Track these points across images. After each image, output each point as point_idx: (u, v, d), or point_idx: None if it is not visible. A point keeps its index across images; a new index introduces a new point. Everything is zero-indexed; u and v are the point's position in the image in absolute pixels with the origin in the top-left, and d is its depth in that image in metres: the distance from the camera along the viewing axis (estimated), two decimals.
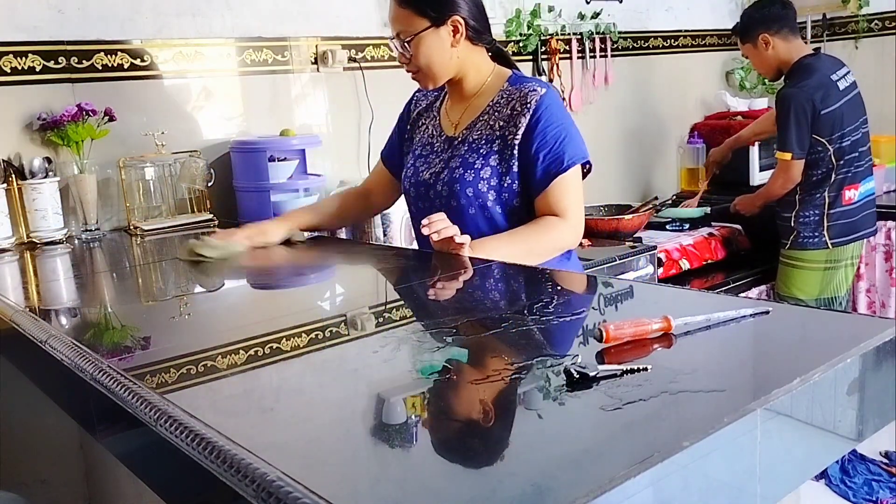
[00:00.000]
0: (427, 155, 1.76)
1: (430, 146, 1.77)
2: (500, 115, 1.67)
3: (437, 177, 1.71)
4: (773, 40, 2.81)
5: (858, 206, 2.80)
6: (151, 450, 0.87)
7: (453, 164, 1.68)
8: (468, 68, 1.70)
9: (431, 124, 1.80)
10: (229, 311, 1.42)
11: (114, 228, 2.30)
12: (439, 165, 1.72)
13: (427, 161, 1.75)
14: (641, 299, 1.23)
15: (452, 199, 1.67)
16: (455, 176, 1.67)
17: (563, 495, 0.60)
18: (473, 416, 0.80)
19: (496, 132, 1.66)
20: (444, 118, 1.78)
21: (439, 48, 1.64)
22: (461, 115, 1.74)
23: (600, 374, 0.82)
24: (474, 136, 1.68)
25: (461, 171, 1.66)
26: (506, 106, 1.67)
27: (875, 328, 0.91)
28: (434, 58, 1.64)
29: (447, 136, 1.75)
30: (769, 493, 0.75)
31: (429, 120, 1.82)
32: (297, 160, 2.50)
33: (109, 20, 2.27)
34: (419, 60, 1.65)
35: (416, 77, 1.70)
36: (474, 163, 1.66)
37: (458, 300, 1.29)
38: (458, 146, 1.70)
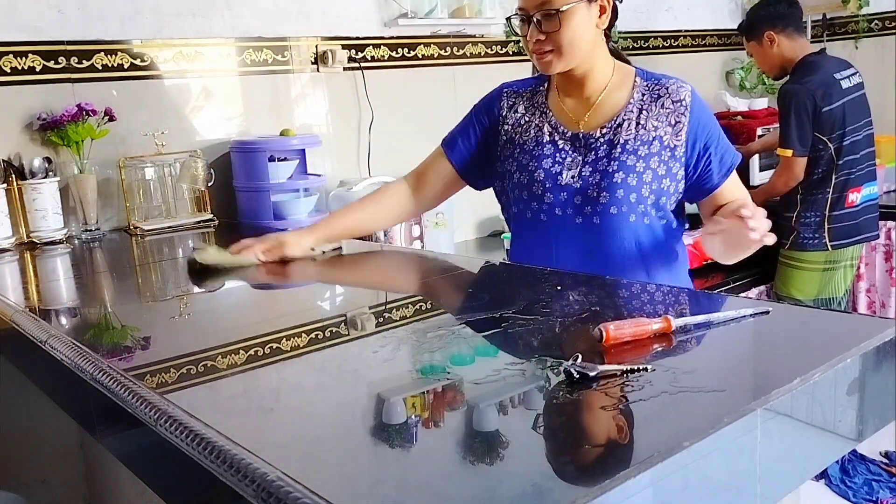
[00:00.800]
0: (552, 154, 1.55)
1: (551, 145, 1.56)
2: (651, 115, 1.53)
3: (586, 181, 1.51)
4: (779, 38, 2.81)
5: (860, 209, 2.79)
6: (151, 450, 0.87)
7: (609, 167, 1.50)
8: (598, 58, 1.55)
9: (543, 122, 1.60)
10: (229, 311, 1.42)
11: (114, 228, 2.30)
12: (584, 168, 1.53)
13: (555, 161, 1.55)
14: (641, 299, 1.23)
15: (613, 206, 1.49)
16: (616, 181, 1.49)
17: (563, 495, 0.60)
18: (476, 417, 0.80)
19: (651, 133, 1.51)
20: (560, 115, 1.59)
21: (586, 26, 1.49)
22: (588, 113, 1.56)
23: (600, 374, 0.82)
24: (625, 137, 1.51)
25: (622, 175, 1.49)
26: (653, 104, 1.54)
27: (875, 328, 0.91)
28: (580, 35, 1.48)
29: (573, 132, 1.55)
30: (769, 493, 0.75)
31: (534, 116, 1.61)
32: (297, 160, 2.50)
33: (109, 20, 2.27)
34: (563, 36, 1.46)
35: (546, 57, 1.49)
36: (635, 166, 1.49)
37: (458, 300, 1.29)
38: (602, 147, 1.52)
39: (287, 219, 2.44)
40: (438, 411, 0.82)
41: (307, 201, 2.50)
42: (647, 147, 1.50)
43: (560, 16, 1.46)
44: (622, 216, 1.50)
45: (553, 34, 1.47)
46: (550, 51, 1.48)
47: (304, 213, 2.49)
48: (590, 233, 1.51)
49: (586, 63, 1.53)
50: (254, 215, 2.42)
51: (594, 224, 1.51)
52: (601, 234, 1.51)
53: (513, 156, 1.61)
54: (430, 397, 0.85)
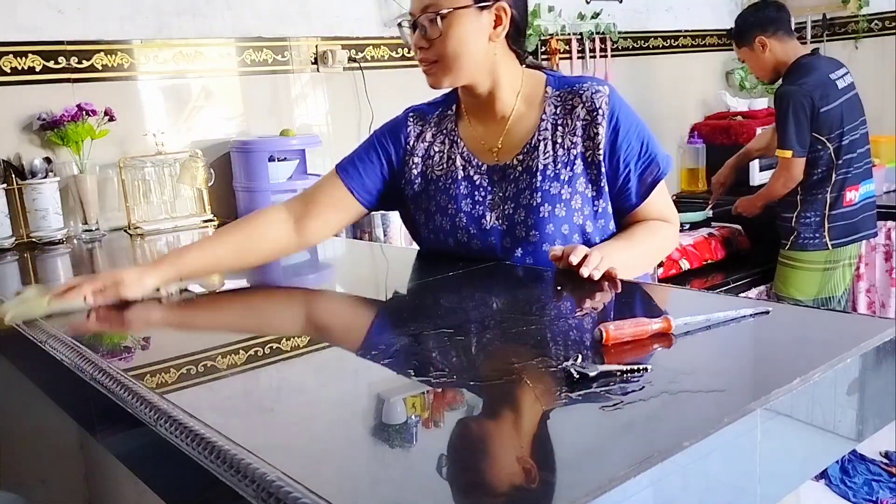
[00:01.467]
0: (470, 193, 1.41)
1: (466, 182, 1.42)
2: (567, 129, 1.37)
3: (511, 220, 1.38)
4: (770, 42, 2.81)
5: (858, 207, 2.80)
6: (151, 450, 0.87)
7: (532, 201, 1.36)
8: (501, 75, 1.38)
9: (454, 153, 1.44)
10: (229, 311, 1.42)
11: (114, 228, 2.30)
12: (506, 206, 1.39)
13: (475, 201, 1.41)
14: (641, 299, 1.23)
15: (545, 243, 1.36)
16: (543, 215, 1.35)
17: (563, 495, 0.60)
18: (475, 418, 0.80)
19: (571, 151, 1.36)
20: (472, 143, 1.44)
21: (476, 35, 1.32)
22: (501, 139, 1.41)
23: (600, 373, 0.82)
24: (543, 162, 1.36)
25: (549, 207, 1.35)
26: (566, 116, 1.37)
27: (875, 328, 0.91)
28: (467, 45, 1.32)
29: (489, 164, 1.41)
30: (769, 493, 0.75)
31: (446, 148, 1.46)
32: (297, 160, 2.50)
33: (109, 20, 2.28)
34: (447, 45, 1.32)
35: (430, 69, 1.36)
36: (560, 194, 1.36)
37: (457, 300, 1.29)
38: (521, 176, 1.38)
39: None
40: (438, 411, 0.82)
41: None
42: (569, 169, 1.36)
43: (442, 21, 1.31)
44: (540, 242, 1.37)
45: (436, 42, 1.33)
46: (435, 62, 1.35)
47: None
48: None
49: (486, 81, 1.38)
50: None
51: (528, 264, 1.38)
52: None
53: (427, 193, 1.46)
54: (430, 397, 0.85)
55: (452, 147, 1.45)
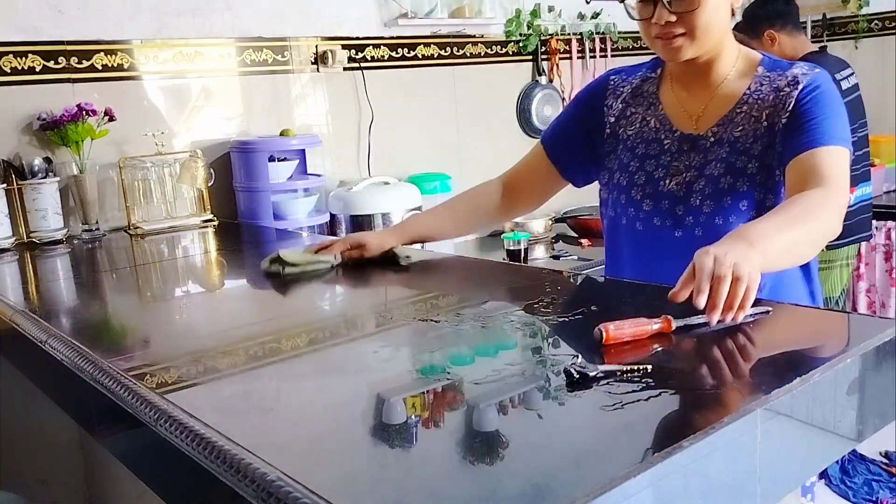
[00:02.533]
0: (657, 157, 1.39)
1: (656, 144, 1.40)
2: (765, 104, 1.32)
3: (689, 187, 1.34)
4: (779, 37, 2.80)
5: (854, 209, 2.79)
6: (151, 450, 0.87)
7: (713, 170, 1.33)
8: (726, 45, 1.36)
9: (652, 117, 1.42)
10: (229, 311, 1.42)
11: (114, 228, 2.30)
12: (690, 174, 1.35)
13: (662, 165, 1.38)
14: (641, 299, 1.23)
15: (718, 216, 1.32)
16: (722, 187, 1.31)
17: (563, 495, 0.60)
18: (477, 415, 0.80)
19: (762, 123, 1.31)
20: (671, 109, 1.41)
21: (724, 9, 1.31)
22: (705, 107, 1.38)
23: (600, 373, 0.82)
24: (735, 135, 1.33)
25: (730, 179, 1.31)
26: (770, 92, 1.33)
27: (875, 328, 0.91)
28: (718, 15, 1.30)
29: (683, 132, 1.38)
30: (769, 493, 0.75)
31: (642, 109, 1.44)
32: (297, 160, 2.50)
33: (109, 20, 2.28)
34: (701, 17, 1.27)
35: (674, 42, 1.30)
36: (745, 167, 1.31)
37: (457, 300, 1.29)
38: (713, 148, 1.35)
39: (287, 219, 2.44)
40: (438, 411, 0.82)
41: (307, 201, 2.50)
42: (756, 142, 1.31)
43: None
44: (728, 227, 1.28)
45: (687, 15, 1.28)
46: (682, 34, 1.29)
47: (303, 214, 2.49)
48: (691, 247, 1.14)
49: (715, 49, 1.34)
50: (254, 215, 2.42)
51: (695, 237, 1.32)
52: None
53: (615, 152, 1.45)
54: (430, 397, 0.85)
55: (650, 109, 1.44)
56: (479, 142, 3.16)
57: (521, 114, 3.30)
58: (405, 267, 1.46)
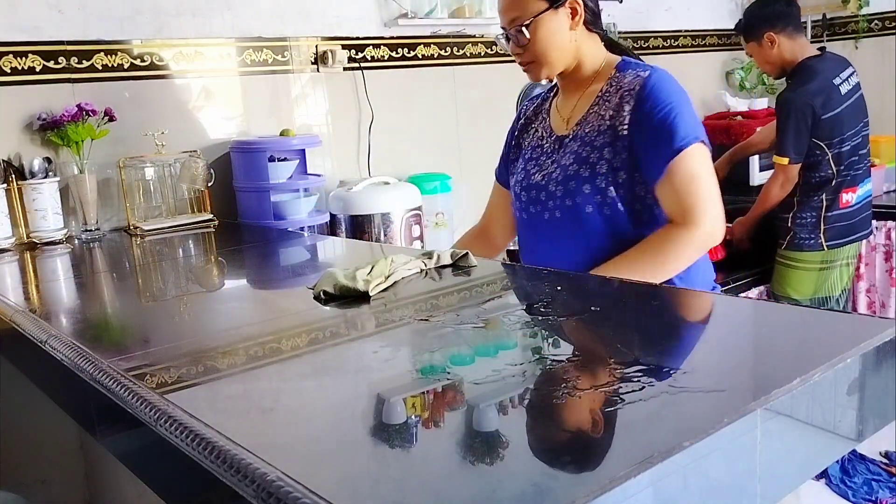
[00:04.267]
0: (538, 157, 1.65)
1: (539, 148, 1.66)
2: (610, 105, 1.54)
3: (549, 177, 1.59)
4: (779, 38, 2.79)
5: (855, 208, 2.79)
6: (151, 450, 0.87)
7: (565, 161, 1.57)
8: (584, 56, 1.60)
9: (541, 126, 1.69)
10: (229, 311, 1.42)
11: (114, 228, 2.30)
12: (552, 167, 1.60)
13: (538, 163, 1.64)
14: (641, 299, 1.23)
15: (568, 199, 1.55)
16: (570, 173, 1.55)
17: (563, 495, 0.60)
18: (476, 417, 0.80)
19: (605, 122, 1.53)
20: (554, 117, 1.67)
21: (558, 32, 1.55)
22: (572, 110, 1.62)
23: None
24: (586, 130, 1.56)
25: (575, 166, 1.55)
26: (615, 94, 1.54)
27: (875, 328, 0.91)
28: (552, 43, 1.55)
29: (558, 135, 1.63)
30: (769, 493, 0.75)
31: (538, 123, 1.71)
32: (297, 160, 2.50)
33: (109, 20, 2.28)
34: (536, 47, 1.55)
35: (529, 68, 1.60)
36: (588, 157, 1.53)
37: (457, 300, 1.29)
38: (570, 143, 1.58)
39: (287, 219, 2.44)
40: (438, 411, 0.82)
41: (307, 201, 2.50)
42: (601, 137, 1.53)
43: (528, 29, 1.53)
44: (578, 208, 1.54)
45: (527, 47, 1.55)
46: (531, 62, 1.58)
47: (304, 213, 2.49)
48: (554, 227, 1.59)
49: (572, 63, 1.60)
50: (254, 215, 2.42)
51: (556, 218, 1.58)
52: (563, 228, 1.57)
53: (516, 161, 1.72)
54: (430, 397, 0.85)
55: (542, 122, 1.70)
56: (479, 142, 3.16)
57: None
58: None
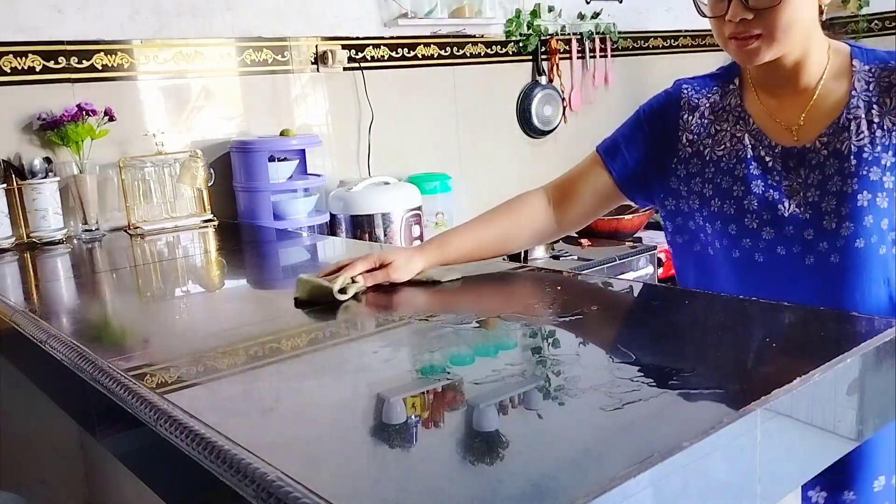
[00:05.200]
0: (761, 176, 1.21)
1: (756, 162, 1.22)
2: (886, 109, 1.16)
3: (815, 209, 1.17)
4: None
5: None
6: (151, 450, 0.87)
7: (846, 187, 1.15)
8: (813, 43, 1.19)
9: (739, 131, 1.25)
10: (229, 311, 1.42)
11: (114, 228, 2.30)
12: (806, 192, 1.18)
13: (766, 184, 1.20)
14: (641, 299, 1.23)
15: (859, 239, 1.15)
16: (861, 205, 1.14)
17: (563, 495, 0.60)
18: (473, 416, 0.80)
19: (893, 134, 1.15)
20: (763, 121, 1.24)
21: (810, 8, 1.15)
22: (803, 115, 1.20)
23: None
24: (857, 143, 1.15)
25: (868, 195, 1.14)
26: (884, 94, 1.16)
27: (875, 328, 0.91)
28: (801, 15, 1.14)
29: (784, 146, 1.21)
30: (769, 493, 0.75)
31: (729, 125, 1.26)
32: (297, 160, 2.50)
33: (109, 20, 2.28)
34: (781, 15, 1.11)
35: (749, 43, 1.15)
36: (882, 181, 1.14)
37: (458, 300, 1.29)
38: (827, 161, 1.17)
39: (287, 219, 2.44)
40: (438, 411, 0.82)
41: (307, 201, 2.50)
42: (891, 154, 1.14)
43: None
44: (869, 250, 1.15)
45: (766, 12, 1.12)
46: (758, 35, 1.14)
47: (303, 214, 2.49)
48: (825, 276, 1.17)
49: (800, 49, 1.17)
50: (254, 215, 2.42)
51: (831, 263, 1.17)
52: (841, 276, 1.17)
53: (703, 175, 1.26)
54: (430, 397, 0.85)
55: (738, 124, 1.25)
56: (479, 142, 3.16)
57: (521, 114, 3.30)
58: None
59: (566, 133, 3.45)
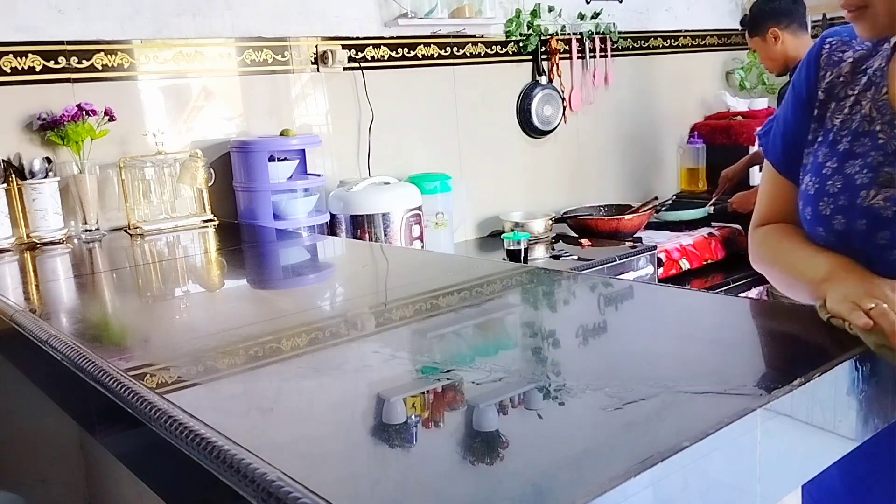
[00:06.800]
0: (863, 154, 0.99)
1: (867, 138, 1.00)
2: None
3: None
4: (783, 34, 2.80)
5: None
6: (151, 450, 0.87)
7: None
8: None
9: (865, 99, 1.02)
10: (229, 311, 1.42)
11: (114, 228, 2.30)
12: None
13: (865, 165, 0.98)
14: (641, 299, 1.23)
15: None
16: None
17: (563, 495, 0.60)
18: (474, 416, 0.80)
19: None
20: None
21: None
22: None
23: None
24: None
25: None
26: None
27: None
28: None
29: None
30: (769, 493, 0.75)
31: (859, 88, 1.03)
32: (297, 160, 2.50)
33: (109, 20, 2.28)
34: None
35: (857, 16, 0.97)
36: None
37: (458, 300, 1.29)
38: None
39: (287, 219, 2.44)
40: (438, 411, 0.82)
41: (307, 201, 2.50)
42: None
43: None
44: None
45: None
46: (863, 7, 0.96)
47: (303, 213, 2.49)
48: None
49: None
50: (254, 215, 2.42)
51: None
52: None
53: (815, 144, 1.06)
54: (430, 397, 0.85)
55: (869, 90, 1.02)
56: (479, 142, 3.16)
57: (521, 114, 3.30)
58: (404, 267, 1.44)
59: (566, 133, 3.45)
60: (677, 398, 0.77)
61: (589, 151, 3.57)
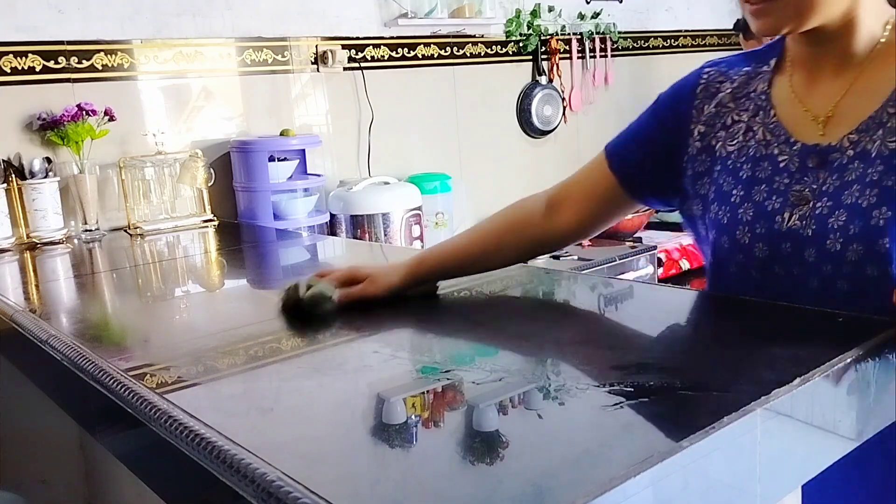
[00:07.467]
0: (767, 179, 0.98)
1: (767, 162, 0.99)
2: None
3: (821, 224, 0.93)
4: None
5: None
6: (151, 450, 0.87)
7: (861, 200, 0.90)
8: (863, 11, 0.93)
9: (756, 124, 1.02)
10: (229, 311, 1.42)
11: (114, 228, 2.30)
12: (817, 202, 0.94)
13: (772, 190, 0.98)
14: (641, 299, 1.23)
15: (869, 266, 0.91)
16: (877, 224, 0.89)
17: (563, 495, 0.60)
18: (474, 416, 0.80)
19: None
20: (788, 110, 1.00)
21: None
22: (837, 102, 0.96)
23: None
24: (890, 146, 0.90)
25: (887, 212, 0.89)
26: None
27: (875, 328, 0.91)
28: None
29: (805, 143, 0.97)
30: (769, 493, 0.75)
31: (747, 115, 1.03)
32: (297, 160, 2.50)
33: (109, 20, 2.28)
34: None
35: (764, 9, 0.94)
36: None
37: (458, 300, 1.29)
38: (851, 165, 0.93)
39: (287, 219, 2.44)
40: (438, 411, 0.82)
41: (307, 201, 2.50)
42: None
43: None
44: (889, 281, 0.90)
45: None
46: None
47: (303, 214, 2.49)
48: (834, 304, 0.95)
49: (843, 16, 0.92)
50: (254, 215, 2.42)
51: (839, 291, 0.94)
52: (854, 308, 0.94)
53: (710, 175, 1.04)
54: (430, 397, 0.85)
55: (757, 115, 1.02)
56: (479, 142, 3.16)
57: (521, 114, 3.30)
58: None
59: (566, 133, 3.45)
60: (677, 398, 0.77)
61: (589, 151, 3.55)
